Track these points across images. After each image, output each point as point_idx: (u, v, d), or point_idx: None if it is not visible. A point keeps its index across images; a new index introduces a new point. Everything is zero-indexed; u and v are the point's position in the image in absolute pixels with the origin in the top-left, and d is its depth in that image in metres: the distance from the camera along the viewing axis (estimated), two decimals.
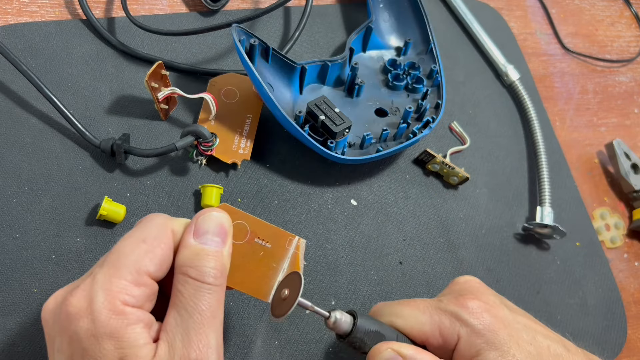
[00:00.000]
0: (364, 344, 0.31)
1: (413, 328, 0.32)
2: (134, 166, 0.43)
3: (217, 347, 0.26)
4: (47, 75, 0.44)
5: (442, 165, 0.49)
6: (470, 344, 0.31)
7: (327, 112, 0.43)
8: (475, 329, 0.31)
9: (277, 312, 0.30)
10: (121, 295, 0.25)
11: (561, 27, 0.66)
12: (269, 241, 0.31)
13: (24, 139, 0.42)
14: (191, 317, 0.26)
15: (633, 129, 0.63)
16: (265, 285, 0.31)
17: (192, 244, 0.28)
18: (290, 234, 0.32)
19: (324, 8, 0.56)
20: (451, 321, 0.32)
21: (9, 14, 0.46)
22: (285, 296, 0.30)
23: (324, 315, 0.31)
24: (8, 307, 0.37)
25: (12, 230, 0.39)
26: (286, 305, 0.29)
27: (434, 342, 0.32)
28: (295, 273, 0.30)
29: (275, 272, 0.31)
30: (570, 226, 0.52)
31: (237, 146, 0.44)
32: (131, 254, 0.26)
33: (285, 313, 0.29)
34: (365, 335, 0.31)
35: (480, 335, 0.31)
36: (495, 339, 0.31)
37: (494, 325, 0.31)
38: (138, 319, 0.25)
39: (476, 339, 0.31)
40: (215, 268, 0.27)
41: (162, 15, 0.50)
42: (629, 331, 0.50)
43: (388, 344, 0.31)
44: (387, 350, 0.30)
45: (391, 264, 0.45)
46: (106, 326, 0.24)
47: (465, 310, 0.32)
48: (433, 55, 0.52)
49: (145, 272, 0.26)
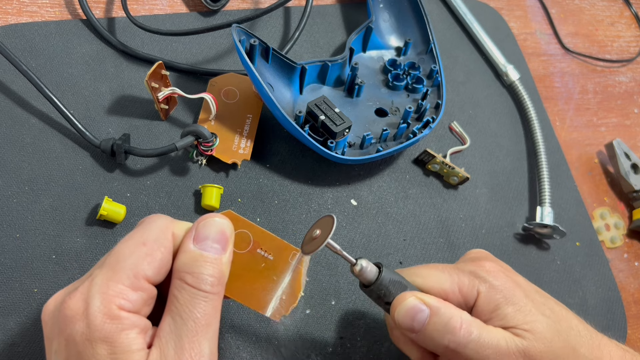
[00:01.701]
0: (389, 292, 0.32)
1: (433, 286, 0.33)
2: (134, 166, 0.43)
3: (210, 355, 0.26)
4: (47, 75, 0.44)
5: (442, 165, 0.49)
6: (489, 299, 0.32)
7: (327, 112, 0.43)
8: (493, 285, 0.32)
9: (307, 249, 0.31)
10: (117, 299, 0.25)
11: (561, 27, 0.66)
12: (271, 253, 0.31)
13: (24, 139, 0.42)
14: (185, 324, 0.26)
15: (633, 129, 0.63)
16: (264, 297, 0.30)
17: (191, 250, 0.27)
18: (294, 247, 0.31)
19: (324, 8, 0.56)
20: (470, 279, 0.33)
21: (9, 14, 0.46)
22: (317, 235, 0.30)
23: (351, 261, 0.32)
24: (8, 307, 0.37)
25: (12, 230, 0.39)
26: (315, 244, 0.30)
27: (453, 299, 0.33)
28: (329, 216, 0.31)
29: (276, 286, 0.31)
30: (570, 226, 0.52)
31: (237, 146, 0.44)
32: (130, 257, 0.26)
33: (313, 250, 0.30)
34: (390, 284, 0.32)
35: (498, 291, 0.32)
36: (512, 295, 0.32)
37: (509, 283, 0.33)
38: (133, 324, 0.25)
39: (495, 294, 0.32)
40: (212, 275, 0.27)
41: (162, 15, 0.50)
42: (629, 331, 0.51)
43: (412, 293, 0.32)
44: (411, 298, 0.31)
45: (391, 264, 0.45)
46: (100, 330, 0.24)
47: (482, 269, 0.33)
48: (433, 55, 0.52)
49: (143, 277, 0.26)
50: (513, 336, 0.31)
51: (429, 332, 0.31)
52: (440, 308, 0.31)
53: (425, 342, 0.32)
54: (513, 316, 0.31)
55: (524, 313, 0.32)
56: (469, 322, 0.31)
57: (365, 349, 0.41)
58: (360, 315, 0.42)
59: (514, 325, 0.31)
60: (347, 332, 0.42)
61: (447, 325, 0.30)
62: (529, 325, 0.31)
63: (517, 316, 0.31)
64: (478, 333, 0.30)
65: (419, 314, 0.31)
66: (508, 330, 0.31)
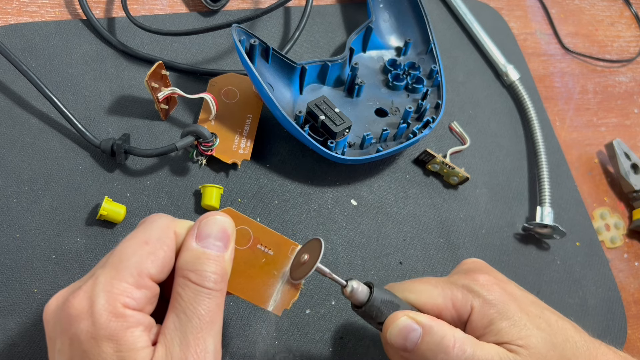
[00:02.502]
0: (381, 312, 0.32)
1: (426, 303, 0.33)
2: (134, 166, 0.43)
3: (215, 352, 0.26)
4: (47, 75, 0.44)
5: (442, 165, 0.49)
6: (483, 314, 0.32)
7: (327, 112, 0.43)
8: (487, 299, 0.32)
9: (296, 275, 0.30)
10: (122, 297, 0.25)
11: (561, 27, 0.66)
12: (271, 248, 0.31)
13: (24, 139, 0.42)
14: (190, 321, 0.26)
15: (633, 129, 0.63)
16: (265, 292, 0.31)
17: (194, 247, 0.28)
18: (293, 242, 0.31)
19: (324, 8, 0.56)
20: (463, 294, 0.32)
21: (9, 14, 0.46)
22: (305, 260, 0.30)
23: (341, 283, 0.31)
24: (8, 307, 0.37)
25: (12, 230, 0.39)
26: (304, 269, 0.30)
27: (447, 314, 0.32)
28: (316, 239, 0.30)
29: (276, 280, 0.31)
30: (570, 226, 0.52)
31: (237, 146, 0.44)
32: (133, 256, 0.26)
33: (303, 276, 0.29)
34: (382, 304, 0.32)
35: (492, 305, 0.32)
36: (507, 309, 0.32)
37: (504, 297, 0.32)
38: (138, 321, 0.25)
39: (489, 309, 0.32)
40: (215, 273, 0.27)
41: (162, 15, 0.50)
42: (629, 331, 0.51)
43: (404, 312, 0.32)
44: (404, 317, 0.31)
45: (391, 264, 0.45)
46: (106, 328, 0.24)
47: (476, 283, 0.33)
48: (433, 55, 0.52)
49: (146, 275, 0.26)
50: (507, 352, 0.30)
51: (422, 351, 0.31)
52: (432, 327, 0.31)
53: None
54: (507, 331, 0.31)
55: (518, 327, 0.31)
56: (462, 340, 0.30)
57: (365, 349, 0.41)
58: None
59: (508, 340, 0.31)
60: (347, 332, 0.42)
61: (440, 344, 0.30)
62: (523, 341, 0.31)
63: (512, 331, 0.31)
64: (472, 351, 0.30)
65: (411, 333, 0.31)
66: (502, 345, 0.31)
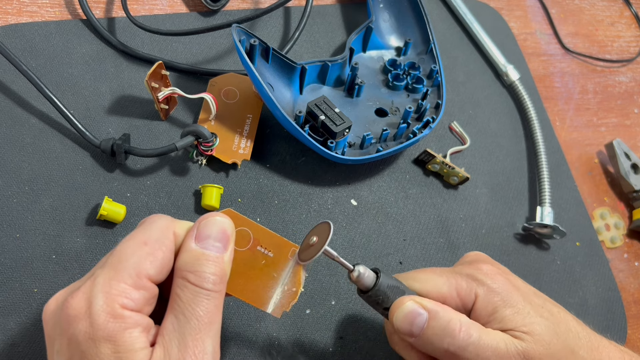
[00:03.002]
0: (387, 297, 0.32)
1: (431, 291, 0.33)
2: (134, 166, 0.43)
3: (214, 353, 0.26)
4: (47, 75, 0.44)
5: (442, 165, 0.49)
6: (487, 301, 0.32)
7: (327, 112, 0.43)
8: (491, 287, 0.33)
9: (304, 256, 0.31)
10: (120, 298, 0.25)
11: (561, 27, 0.66)
12: (271, 250, 0.31)
13: (24, 139, 0.42)
14: (188, 322, 0.26)
15: (633, 129, 0.63)
16: (265, 294, 0.31)
17: (193, 248, 0.27)
18: (293, 244, 0.31)
19: (324, 8, 0.56)
20: (468, 282, 0.33)
21: (9, 14, 0.46)
22: (313, 243, 0.30)
23: (349, 268, 0.32)
24: (8, 307, 0.37)
25: (12, 230, 0.39)
26: (312, 251, 0.30)
27: (451, 303, 0.33)
28: (325, 222, 0.31)
29: (276, 282, 0.31)
30: (570, 226, 0.52)
31: (237, 146, 0.44)
32: (132, 257, 0.26)
33: (311, 258, 0.30)
34: (388, 289, 0.32)
35: (496, 293, 0.32)
36: (510, 297, 0.32)
37: (507, 286, 0.33)
38: (136, 322, 0.25)
39: (493, 297, 0.32)
40: (214, 274, 0.27)
41: (162, 15, 0.50)
42: (629, 331, 0.51)
43: (410, 297, 0.32)
44: (410, 302, 0.31)
45: (391, 264, 0.45)
46: (104, 329, 0.24)
47: (480, 272, 0.33)
48: (433, 55, 0.52)
49: (145, 276, 0.26)
50: (512, 338, 0.31)
51: (428, 336, 0.31)
52: (438, 311, 0.31)
53: (424, 346, 0.32)
54: (511, 318, 0.31)
55: (522, 315, 0.32)
56: (468, 325, 0.31)
57: (365, 349, 0.41)
58: (360, 315, 0.42)
59: (513, 327, 0.31)
60: (347, 332, 0.42)
61: (446, 328, 0.30)
62: (527, 328, 0.31)
63: (516, 318, 0.31)
64: (477, 335, 0.30)
65: (417, 318, 0.31)
66: (507, 332, 0.31)
